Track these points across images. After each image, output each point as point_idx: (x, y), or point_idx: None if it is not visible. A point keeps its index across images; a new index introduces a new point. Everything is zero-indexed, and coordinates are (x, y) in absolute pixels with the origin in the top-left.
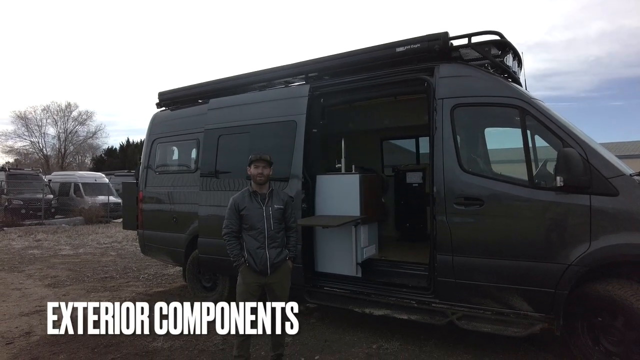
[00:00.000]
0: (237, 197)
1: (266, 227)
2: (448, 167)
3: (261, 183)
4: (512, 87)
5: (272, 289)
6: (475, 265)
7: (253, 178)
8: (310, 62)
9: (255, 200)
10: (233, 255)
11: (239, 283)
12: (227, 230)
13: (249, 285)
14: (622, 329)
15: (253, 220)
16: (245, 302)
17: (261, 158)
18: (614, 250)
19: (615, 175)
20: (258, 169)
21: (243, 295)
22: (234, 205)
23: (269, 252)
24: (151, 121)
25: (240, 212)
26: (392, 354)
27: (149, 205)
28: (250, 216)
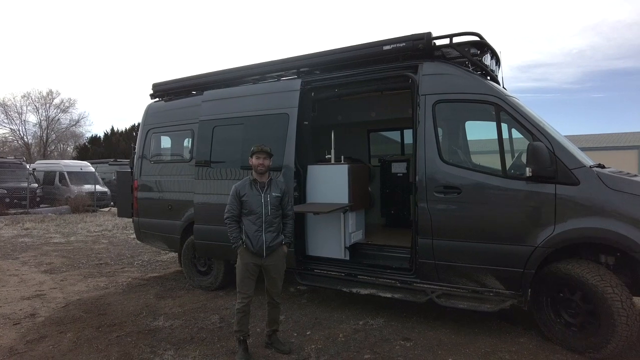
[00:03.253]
0: (239, 185)
1: (264, 213)
2: (429, 158)
3: (262, 172)
4: (488, 84)
5: (268, 270)
6: (452, 248)
7: (254, 168)
8: (302, 58)
9: (255, 188)
10: (232, 238)
11: (238, 264)
12: (229, 214)
13: (247, 265)
14: (579, 302)
15: (252, 206)
16: (245, 280)
17: (262, 150)
18: (575, 233)
19: (577, 167)
20: (259, 160)
21: (242, 274)
22: (236, 192)
23: (265, 235)
24: (145, 112)
25: (241, 198)
26: (377, 329)
27: (144, 193)
28: (249, 202)
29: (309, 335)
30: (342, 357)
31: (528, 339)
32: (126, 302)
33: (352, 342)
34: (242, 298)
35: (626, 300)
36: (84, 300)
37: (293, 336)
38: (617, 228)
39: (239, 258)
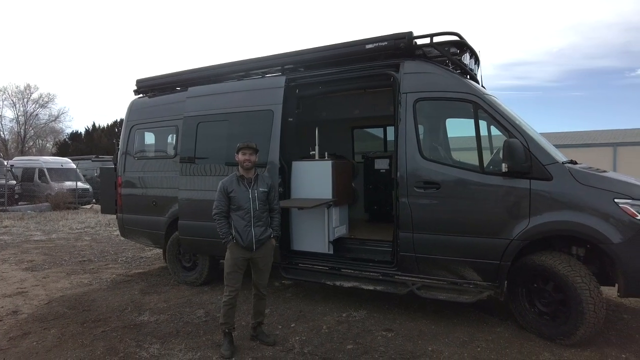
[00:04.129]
0: (225, 181)
1: (252, 208)
2: (410, 154)
3: (248, 168)
4: (467, 83)
5: (256, 262)
6: (432, 241)
7: (241, 164)
8: (286, 55)
9: (242, 183)
10: (222, 233)
11: (227, 258)
12: (217, 210)
13: (236, 259)
14: (551, 292)
15: (240, 202)
16: (233, 274)
17: (248, 146)
18: (548, 226)
19: (551, 163)
20: (245, 156)
21: (230, 268)
22: (223, 188)
23: (254, 230)
24: (129, 108)
25: (228, 194)
26: (360, 321)
27: (128, 189)
28: (237, 198)
29: (293, 328)
30: (326, 347)
31: (504, 328)
32: (111, 298)
33: (336, 334)
34: (229, 291)
35: (594, 289)
36: (67, 297)
37: (278, 328)
38: (587, 221)
39: (229, 252)
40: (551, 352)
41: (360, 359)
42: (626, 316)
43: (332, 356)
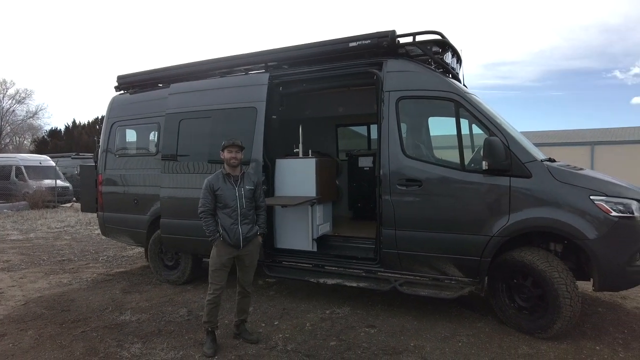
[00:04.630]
0: (211, 179)
1: (239, 206)
2: (392, 152)
3: (234, 166)
4: (449, 82)
5: (243, 260)
6: (414, 238)
7: (227, 161)
8: (270, 52)
9: (229, 181)
10: (209, 231)
11: (213, 256)
12: (204, 208)
13: (222, 257)
14: (530, 287)
15: (227, 200)
16: (218, 271)
17: (234, 144)
18: (527, 223)
19: (530, 160)
20: (232, 153)
21: (216, 266)
22: (210, 186)
23: (241, 227)
24: (110, 104)
25: (215, 192)
26: (343, 318)
27: (109, 187)
28: (224, 196)
29: (276, 325)
30: (309, 344)
31: (485, 323)
32: (91, 298)
33: (319, 331)
34: (214, 289)
35: (570, 284)
36: (45, 298)
37: (261, 326)
38: (564, 217)
39: (215, 250)
40: (530, 345)
41: (343, 356)
42: (601, 309)
43: (315, 353)
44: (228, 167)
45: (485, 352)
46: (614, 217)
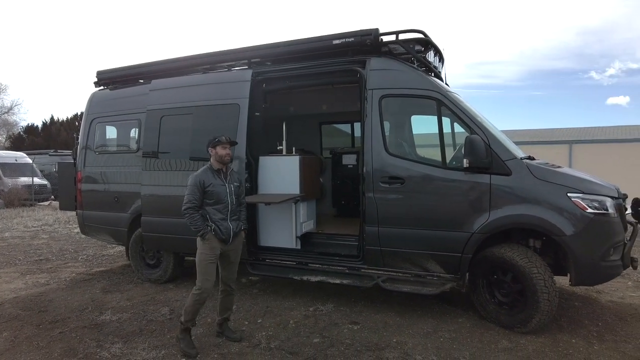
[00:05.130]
0: (200, 175)
1: (229, 202)
2: (376, 150)
3: (227, 162)
4: (431, 80)
5: (228, 256)
6: (397, 235)
7: (220, 158)
8: (253, 49)
9: (219, 177)
10: (197, 226)
11: (202, 251)
12: (190, 204)
13: (215, 249)
14: (510, 283)
15: (220, 196)
16: (211, 265)
17: (227, 140)
18: (507, 220)
19: (510, 158)
20: (226, 150)
21: (209, 259)
22: (200, 182)
23: (230, 223)
24: (89, 100)
25: (205, 188)
26: (327, 315)
27: (89, 185)
28: (216, 192)
29: (260, 323)
30: (293, 342)
31: (466, 319)
32: (70, 298)
33: (302, 328)
34: (206, 286)
35: (548, 279)
36: (21, 298)
37: (244, 325)
38: (543, 214)
39: (205, 244)
40: (509, 339)
41: (326, 352)
42: (577, 303)
43: (298, 350)
44: (218, 164)
45: (467, 347)
46: (590, 213)
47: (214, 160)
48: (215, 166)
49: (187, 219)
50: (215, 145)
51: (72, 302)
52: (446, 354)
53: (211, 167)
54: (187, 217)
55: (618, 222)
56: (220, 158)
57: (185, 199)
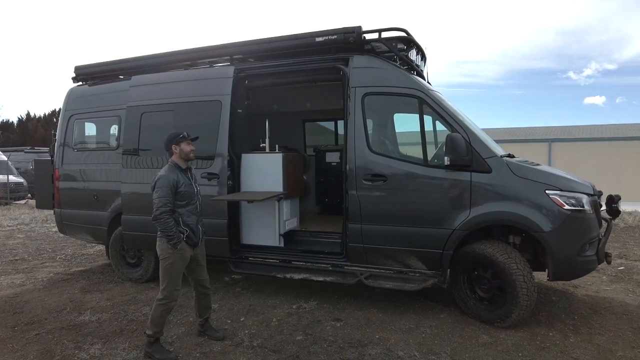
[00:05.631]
0: (171, 175)
1: (197, 202)
2: (359, 148)
3: (192, 159)
4: (413, 79)
5: (198, 259)
6: (379, 232)
7: (186, 155)
8: (235, 45)
9: (186, 176)
10: (172, 233)
11: (173, 261)
12: (165, 208)
13: (186, 260)
14: (490, 278)
15: (191, 197)
16: (180, 274)
17: (190, 136)
18: (487, 217)
19: (490, 156)
20: (190, 146)
21: (178, 271)
22: (173, 183)
23: (200, 226)
24: (67, 96)
25: (178, 189)
26: (310, 312)
27: (67, 183)
28: (188, 193)
29: (242, 322)
30: (275, 340)
31: (447, 314)
32: (47, 299)
33: (285, 326)
34: (174, 295)
35: (527, 275)
36: None
37: (227, 323)
38: (522, 211)
39: (176, 254)
40: (489, 334)
41: (309, 350)
42: (554, 298)
43: (281, 348)
44: (184, 162)
45: (448, 342)
46: (567, 210)
47: (178, 158)
48: (182, 165)
49: (160, 225)
50: (180, 141)
51: (49, 302)
52: (428, 349)
53: (177, 166)
54: (161, 223)
55: (593, 219)
56: (186, 155)
57: (158, 202)
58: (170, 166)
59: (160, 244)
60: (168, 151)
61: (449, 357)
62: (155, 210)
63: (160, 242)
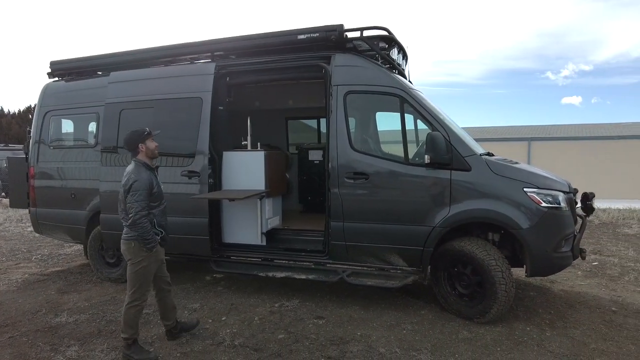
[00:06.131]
0: (144, 176)
1: (164, 202)
2: (341, 146)
3: (157, 157)
4: (394, 78)
5: (161, 255)
6: (362, 230)
7: (152, 153)
8: (216, 41)
9: (154, 175)
10: (150, 237)
11: (147, 264)
12: (145, 212)
13: (159, 261)
14: (470, 275)
15: (162, 197)
16: (150, 277)
17: (153, 133)
18: (467, 214)
19: (469, 155)
20: (154, 142)
21: (149, 274)
22: (149, 185)
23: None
24: (43, 92)
25: (152, 190)
26: (292, 310)
27: (43, 181)
28: (160, 193)
29: (224, 321)
30: (257, 338)
31: (428, 310)
32: (21, 300)
33: (268, 324)
34: (145, 296)
35: (506, 271)
36: None
37: (208, 322)
38: (501, 209)
39: (151, 257)
40: (469, 330)
41: (291, 348)
42: (532, 293)
43: (263, 347)
44: (150, 160)
45: (429, 338)
46: (544, 207)
47: (144, 156)
48: (150, 163)
49: (139, 230)
50: (145, 139)
51: (23, 304)
52: (409, 345)
53: (146, 165)
54: (140, 227)
55: (569, 216)
56: (152, 152)
57: (137, 206)
58: (138, 166)
59: (130, 247)
60: (133, 151)
61: (429, 353)
62: (134, 215)
63: (131, 246)
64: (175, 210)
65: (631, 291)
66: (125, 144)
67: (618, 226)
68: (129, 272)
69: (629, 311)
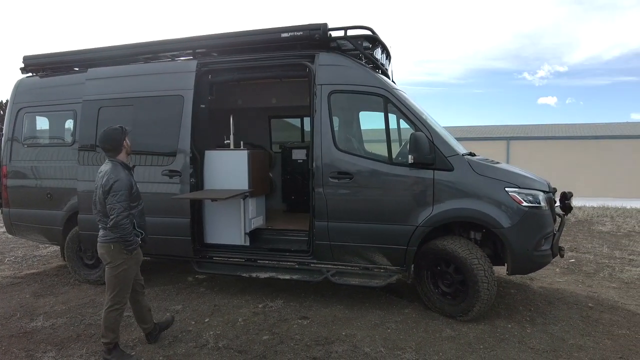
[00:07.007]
0: (124, 176)
1: (142, 202)
2: (325, 145)
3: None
4: (378, 77)
5: (140, 260)
6: (346, 229)
7: (128, 150)
8: (198, 39)
9: (131, 174)
10: (132, 240)
11: (130, 265)
12: (126, 212)
13: (139, 262)
14: (453, 273)
15: (140, 197)
16: (129, 281)
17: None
18: (449, 213)
19: (452, 155)
20: (129, 140)
21: (130, 277)
22: (130, 184)
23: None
24: (15, 88)
25: (132, 191)
26: (277, 311)
27: (16, 181)
28: (138, 193)
29: (207, 322)
30: (241, 340)
31: (412, 309)
32: None
33: (252, 325)
34: (127, 298)
35: (488, 269)
36: None
37: (191, 324)
38: (483, 208)
39: (131, 259)
40: (452, 328)
41: (276, 349)
42: (513, 291)
43: (247, 348)
44: (127, 157)
45: (413, 337)
46: (525, 207)
47: (124, 155)
48: (127, 162)
49: (121, 231)
50: (125, 136)
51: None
52: (393, 344)
53: (124, 165)
54: (122, 229)
55: (548, 215)
56: (127, 149)
57: (119, 207)
58: (116, 165)
59: (109, 250)
60: (116, 149)
61: (414, 352)
62: (116, 216)
63: (110, 249)
64: (156, 211)
65: (606, 287)
66: (107, 142)
67: (593, 224)
68: (108, 275)
69: (604, 307)
